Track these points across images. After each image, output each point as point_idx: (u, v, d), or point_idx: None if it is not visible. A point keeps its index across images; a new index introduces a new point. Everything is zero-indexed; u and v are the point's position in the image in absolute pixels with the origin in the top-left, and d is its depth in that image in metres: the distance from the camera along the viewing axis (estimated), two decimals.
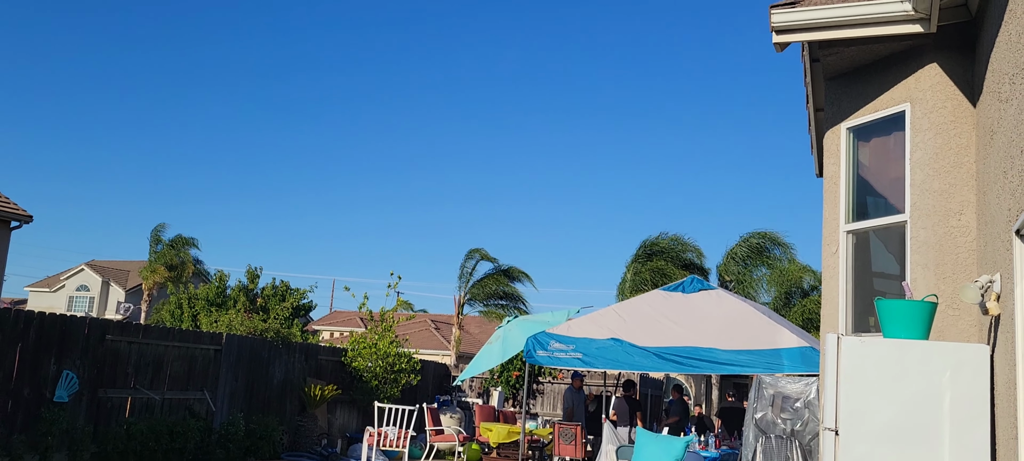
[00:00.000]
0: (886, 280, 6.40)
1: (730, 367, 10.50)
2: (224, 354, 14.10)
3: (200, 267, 40.90)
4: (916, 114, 5.73)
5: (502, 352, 14.55)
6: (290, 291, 28.20)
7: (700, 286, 12.34)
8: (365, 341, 17.83)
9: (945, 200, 5.50)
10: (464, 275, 31.26)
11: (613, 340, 11.14)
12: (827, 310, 6.47)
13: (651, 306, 11.96)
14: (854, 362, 4.85)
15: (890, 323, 4.90)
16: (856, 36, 5.68)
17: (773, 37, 5.96)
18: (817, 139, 8.20)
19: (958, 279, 5.38)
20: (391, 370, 17.77)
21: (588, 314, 12.49)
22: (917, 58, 5.76)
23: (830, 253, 6.45)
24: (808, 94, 7.34)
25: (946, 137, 5.54)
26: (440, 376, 21.93)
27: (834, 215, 6.42)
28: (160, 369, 12.73)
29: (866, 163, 6.43)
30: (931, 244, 5.53)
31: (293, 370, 16.03)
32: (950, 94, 5.57)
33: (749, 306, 11.89)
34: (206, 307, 27.77)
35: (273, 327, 18.29)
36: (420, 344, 37.64)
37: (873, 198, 6.50)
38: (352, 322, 45.61)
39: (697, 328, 11.06)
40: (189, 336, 13.72)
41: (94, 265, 55.12)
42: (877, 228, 6.25)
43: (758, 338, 10.50)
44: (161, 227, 39.68)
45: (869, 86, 6.15)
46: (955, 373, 4.65)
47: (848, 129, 6.36)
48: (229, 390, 14.21)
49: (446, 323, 45.38)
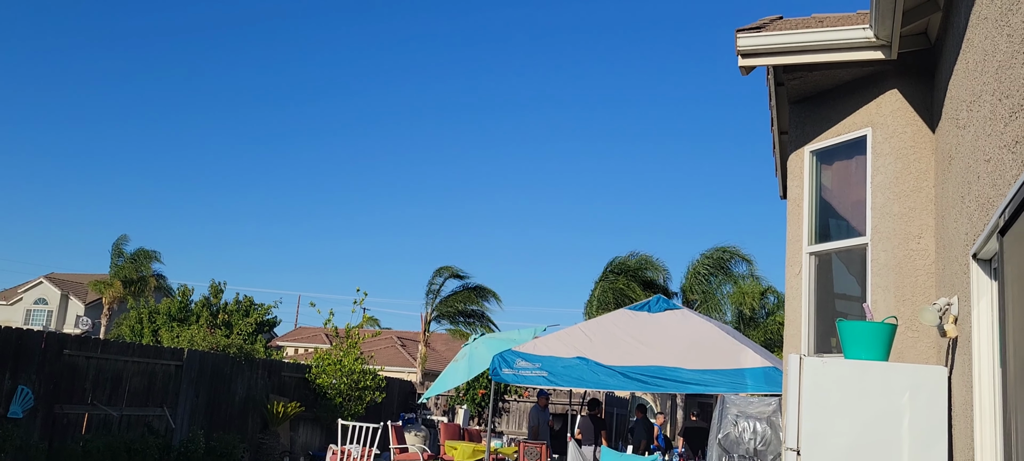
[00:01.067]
0: (848, 301, 6.49)
1: (695, 386, 10.56)
2: (185, 370, 13.88)
3: (162, 281, 40.24)
4: (877, 139, 5.83)
5: (468, 370, 14.50)
6: (254, 306, 27.86)
7: (666, 306, 12.42)
8: (330, 358, 17.67)
9: (905, 223, 5.60)
10: (432, 292, 31.13)
11: (579, 359, 11.16)
12: (790, 330, 6.54)
13: (617, 325, 12.00)
14: (816, 383, 4.90)
15: (851, 344, 4.96)
16: (819, 61, 5.78)
17: (739, 61, 6.04)
18: (781, 162, 8.31)
19: (917, 301, 5.46)
20: (356, 387, 17.61)
21: (554, 332, 12.50)
22: (878, 84, 5.87)
23: (793, 274, 6.53)
24: (773, 117, 7.45)
25: (906, 162, 5.65)
26: (405, 393, 21.78)
27: (797, 236, 6.50)
28: (119, 385, 12.49)
29: (829, 186, 6.52)
30: (891, 267, 5.62)
31: (256, 387, 15.82)
32: (910, 120, 5.69)
33: (714, 326, 11.99)
34: (168, 322, 27.32)
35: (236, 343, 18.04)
36: (386, 361, 37.38)
37: (836, 220, 6.60)
38: (317, 338, 45.17)
39: (662, 347, 11.12)
40: (149, 351, 13.48)
41: (53, 278, 54.04)
42: (839, 250, 6.34)
43: (722, 358, 10.58)
44: (123, 239, 39.02)
45: (832, 110, 6.25)
46: (914, 394, 4.72)
47: (811, 152, 6.46)
48: (189, 407, 13.97)
49: (412, 340, 45.13)
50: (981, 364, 4.02)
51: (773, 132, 7.86)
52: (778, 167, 8.69)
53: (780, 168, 8.55)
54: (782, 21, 6.36)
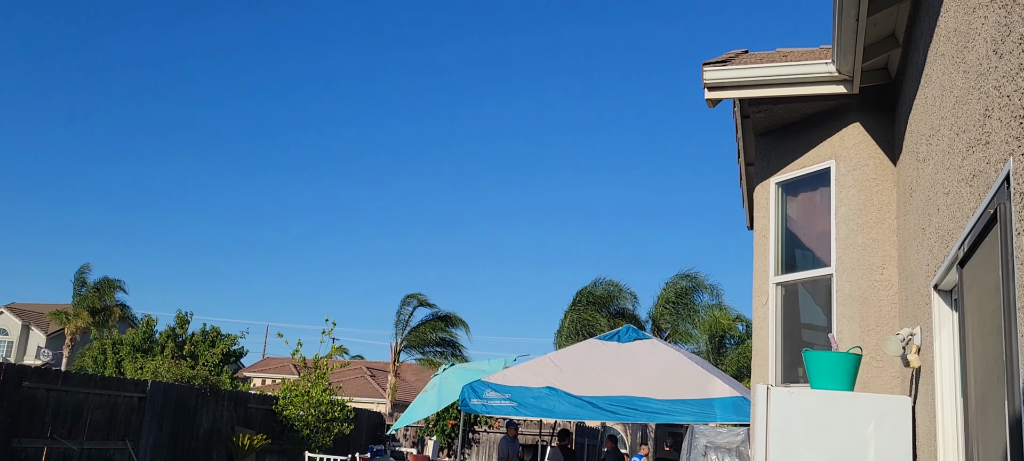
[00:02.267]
0: (814, 331, 6.55)
1: (664, 416, 10.57)
2: (148, 402, 13.62)
3: (127, 311, 39.59)
4: (841, 171, 5.92)
5: (438, 400, 14.39)
6: (221, 337, 27.48)
7: (635, 335, 12.44)
8: (297, 389, 17.44)
9: (868, 254, 5.68)
10: (401, 321, 30.94)
11: (549, 389, 11.12)
12: (757, 360, 6.58)
13: (587, 355, 12.00)
14: (783, 413, 4.93)
15: (817, 374, 5.00)
16: (784, 95, 5.87)
17: (705, 93, 6.12)
18: (748, 192, 8.41)
19: (881, 331, 5.53)
20: (323, 419, 17.39)
21: (524, 363, 12.46)
22: (842, 117, 5.98)
23: (760, 304, 6.58)
24: (739, 149, 7.54)
25: (869, 193, 5.74)
26: (374, 425, 21.54)
27: (764, 267, 6.56)
28: (80, 418, 12.22)
29: (794, 217, 6.60)
30: (855, 297, 5.69)
31: (221, 419, 15.56)
32: (872, 152, 5.79)
33: (683, 356, 12.03)
34: (131, 353, 26.83)
35: (202, 374, 17.78)
36: (355, 391, 36.98)
37: (801, 251, 6.67)
38: (285, 368, 44.61)
39: (632, 377, 11.13)
40: (112, 383, 13.22)
41: (14, 308, 52.92)
42: (805, 280, 6.40)
43: (691, 387, 10.61)
44: (85, 268, 38.35)
45: (797, 143, 6.35)
46: (879, 424, 4.75)
47: (777, 184, 6.54)
48: (152, 440, 13.70)
49: (382, 370, 44.73)
50: (943, 394, 4.07)
51: (740, 163, 7.96)
52: (745, 198, 8.79)
53: (747, 199, 8.65)
54: (747, 55, 6.47)
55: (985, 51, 3.03)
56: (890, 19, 5.18)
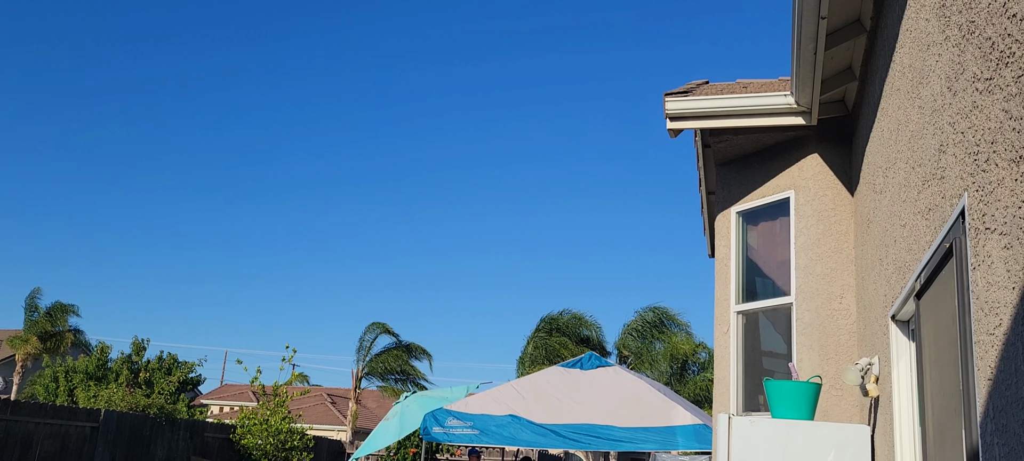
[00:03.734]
0: (775, 359, 6.60)
1: (626, 444, 10.57)
2: (101, 432, 13.28)
3: (80, 337, 38.63)
4: (800, 201, 6.00)
5: (400, 428, 14.22)
6: (177, 364, 26.96)
7: (598, 363, 12.45)
8: (256, 417, 17.15)
9: (827, 284, 5.75)
10: (363, 348, 30.64)
11: (511, 417, 11.07)
12: (719, 389, 6.60)
13: (549, 383, 11.97)
14: (744, 441, 4.94)
15: (777, 403, 5.03)
16: (744, 125, 5.95)
17: (667, 123, 6.18)
18: (709, 221, 8.49)
19: (840, 360, 5.59)
20: (282, 448, 17.10)
21: (487, 390, 12.39)
22: (800, 148, 6.07)
23: (722, 332, 6.62)
24: (701, 177, 7.62)
25: (827, 223, 5.82)
26: (334, 453, 21.24)
27: (725, 296, 6.61)
28: (29, 448, 11.86)
29: (755, 246, 6.67)
30: (815, 326, 5.75)
31: (177, 448, 15.22)
32: (830, 183, 5.88)
33: (645, 383, 12.05)
34: (85, 381, 26.19)
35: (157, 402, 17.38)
36: (315, 419, 36.45)
37: (762, 279, 6.73)
38: (244, 395, 43.85)
39: (594, 405, 11.12)
40: (63, 412, 12.88)
41: None
42: (766, 309, 6.46)
43: (654, 415, 10.63)
44: (36, 292, 37.30)
45: (757, 173, 6.42)
46: (839, 453, 4.79)
47: (738, 213, 6.61)
48: None
49: (343, 397, 44.19)
50: (901, 423, 4.11)
51: (701, 192, 8.03)
52: (706, 226, 8.87)
53: (708, 227, 8.73)
54: (708, 85, 6.55)
55: (939, 88, 3.10)
56: (847, 53, 5.28)
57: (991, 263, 2.40)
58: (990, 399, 2.40)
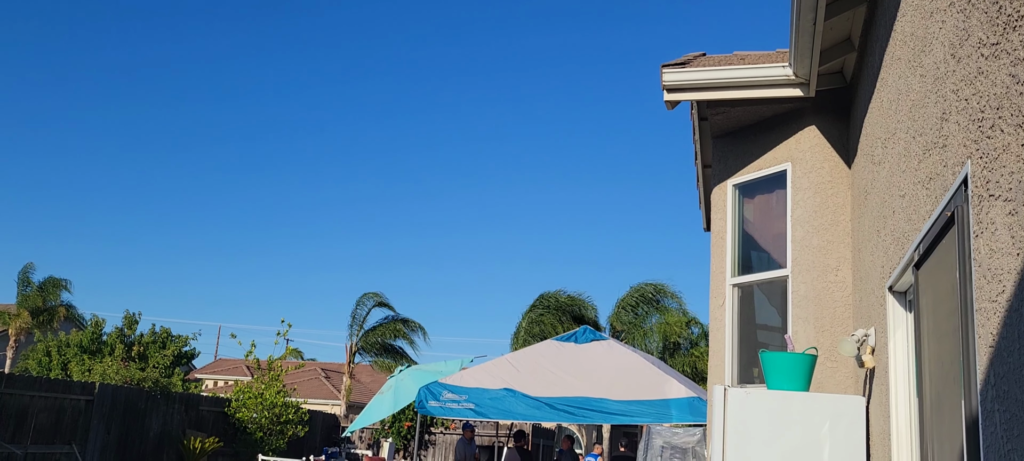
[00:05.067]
0: (770, 332, 6.61)
1: (621, 417, 10.61)
2: (96, 405, 13.28)
3: (73, 311, 38.56)
4: (796, 173, 5.99)
5: (394, 402, 14.27)
6: (171, 338, 26.92)
7: (592, 337, 12.47)
8: (250, 391, 17.18)
9: (823, 256, 5.75)
10: (356, 321, 30.62)
11: (506, 390, 11.10)
12: (714, 361, 6.62)
13: (544, 356, 11.99)
14: (740, 413, 4.96)
15: (773, 375, 5.04)
16: (741, 97, 5.92)
17: (664, 95, 6.14)
18: (705, 195, 8.47)
19: (836, 332, 5.60)
20: (277, 421, 17.14)
21: (481, 364, 12.41)
22: (798, 120, 6.05)
23: (717, 306, 6.63)
24: (696, 151, 7.59)
25: (824, 196, 5.81)
26: (329, 427, 21.31)
27: (721, 269, 6.61)
28: (24, 421, 11.86)
29: (751, 219, 6.66)
30: (811, 298, 5.75)
31: (172, 421, 15.24)
32: (827, 155, 5.86)
33: (639, 357, 12.09)
34: (78, 354, 26.15)
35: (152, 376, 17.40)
36: (309, 393, 36.53)
37: (758, 252, 6.73)
38: (238, 370, 43.91)
39: (589, 378, 11.15)
40: (58, 386, 12.87)
41: None
42: (761, 282, 6.46)
43: (648, 388, 10.66)
44: (29, 267, 37.19)
45: (754, 145, 6.40)
46: (834, 424, 4.81)
47: (734, 186, 6.59)
48: (100, 443, 13.35)
49: (337, 371, 44.29)
50: (897, 394, 4.12)
51: (697, 165, 8.01)
52: (702, 200, 8.85)
53: (704, 201, 8.72)
54: (705, 58, 6.51)
55: (942, 55, 3.07)
56: (846, 23, 5.25)
57: (995, 230, 2.38)
58: (991, 366, 2.40)
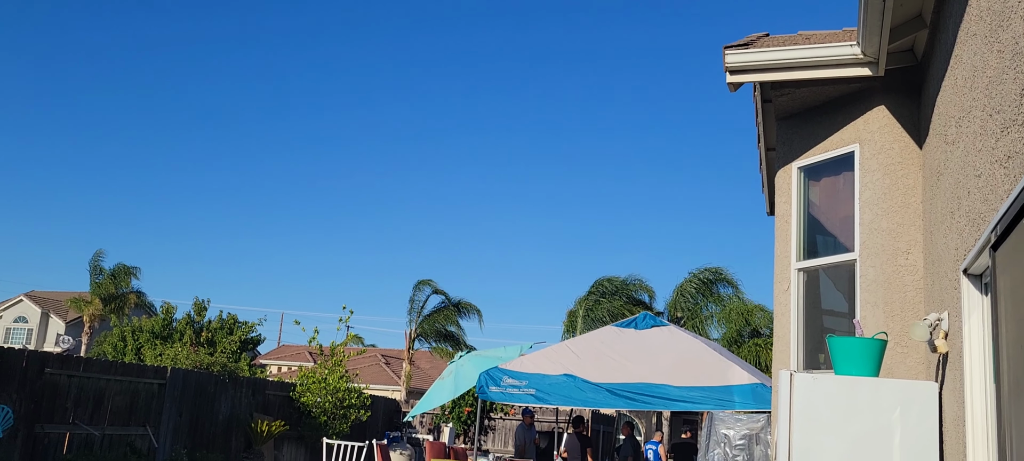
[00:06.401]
0: (835, 318, 6.49)
1: (682, 403, 10.54)
2: (168, 389, 13.72)
3: (143, 298, 39.82)
4: (865, 154, 5.85)
5: (454, 388, 14.41)
6: (238, 324, 27.63)
7: (652, 322, 12.40)
8: (314, 376, 17.53)
9: (893, 239, 5.61)
10: (414, 309, 31.00)
11: (566, 376, 11.11)
12: (779, 347, 6.53)
13: (604, 342, 11.96)
14: (806, 399, 4.89)
15: (841, 360, 4.95)
16: (807, 78, 5.80)
17: (727, 77, 6.06)
18: (768, 178, 8.34)
19: (906, 317, 5.47)
20: (340, 405, 17.47)
21: (541, 350, 12.45)
22: (866, 100, 5.90)
23: (782, 290, 6.53)
24: (760, 134, 7.47)
25: (894, 177, 5.67)
26: (390, 412, 21.63)
27: (785, 253, 6.51)
28: (101, 404, 12.32)
29: (817, 202, 6.54)
30: (880, 282, 5.63)
31: (240, 405, 15.65)
32: (898, 136, 5.71)
33: (700, 342, 11.98)
34: (150, 340, 27.02)
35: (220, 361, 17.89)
36: (370, 379, 37.12)
37: (823, 236, 6.61)
38: (301, 356, 44.83)
39: (649, 364, 11.09)
40: (132, 370, 13.32)
41: (33, 296, 53.43)
42: (827, 266, 6.35)
43: (709, 375, 10.56)
44: (99, 255, 38.47)
45: (820, 127, 6.28)
46: (905, 410, 4.71)
47: (799, 169, 6.48)
48: (172, 425, 13.80)
49: (396, 358, 44.89)
50: (973, 379, 4.02)
51: (760, 148, 7.89)
52: (765, 183, 8.71)
53: (767, 184, 8.58)
54: (769, 38, 6.40)
55: (1022, 29, 2.97)
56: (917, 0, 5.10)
57: None
58: None
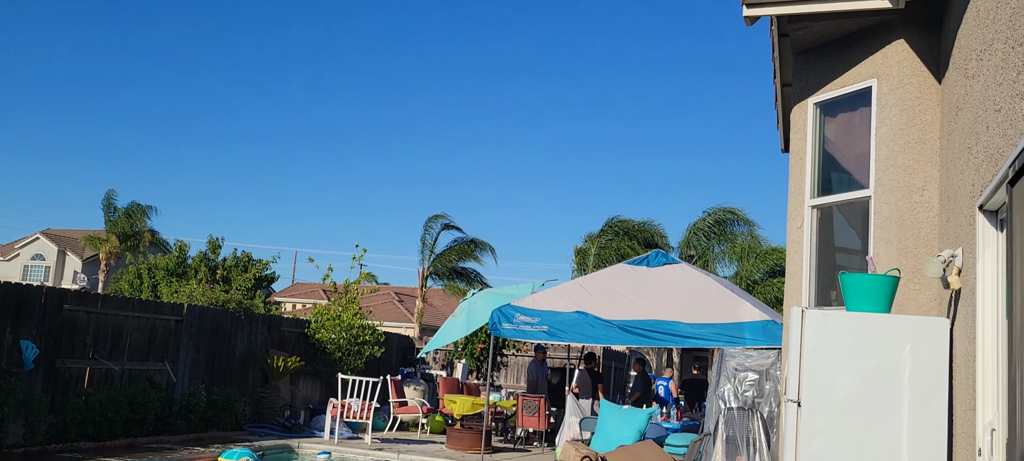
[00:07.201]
0: (848, 255, 6.48)
1: (693, 340, 10.62)
2: (185, 325, 13.91)
3: (157, 236, 40.13)
4: (883, 90, 5.77)
5: (467, 324, 14.55)
6: (252, 262, 27.87)
7: (664, 260, 12.43)
8: (329, 313, 17.71)
9: (909, 176, 5.57)
10: (426, 246, 31.07)
11: (578, 313, 11.19)
12: (791, 283, 6.54)
13: (616, 280, 12.02)
14: (817, 335, 4.91)
15: (854, 297, 4.96)
16: (825, 10, 5.69)
17: (743, 10, 5.95)
18: (783, 115, 8.25)
19: (919, 254, 5.46)
20: (355, 342, 17.68)
21: (553, 287, 12.52)
22: (885, 34, 5.80)
23: (795, 227, 6.51)
24: (775, 69, 7.37)
25: (912, 113, 5.60)
26: (404, 348, 21.89)
27: (800, 190, 6.47)
28: (119, 340, 12.52)
29: (832, 138, 6.48)
30: (894, 219, 5.60)
31: (256, 341, 15.87)
32: (916, 70, 5.63)
33: (712, 280, 12.01)
34: (166, 277, 27.34)
35: (235, 298, 18.09)
36: (384, 316, 37.49)
37: (838, 173, 6.56)
38: (315, 294, 45.26)
39: (661, 301, 11.15)
40: (149, 306, 13.50)
41: (50, 234, 53.96)
42: (841, 203, 6.32)
43: (720, 312, 10.61)
44: (111, 194, 38.62)
45: (837, 61, 6.19)
46: (915, 346, 4.73)
47: (815, 104, 6.40)
48: (190, 361, 14.03)
49: (410, 295, 45.25)
50: (985, 315, 4.02)
51: (776, 84, 7.79)
52: (780, 120, 8.63)
53: (782, 121, 8.49)
54: None
55: None
56: None
57: None
58: None
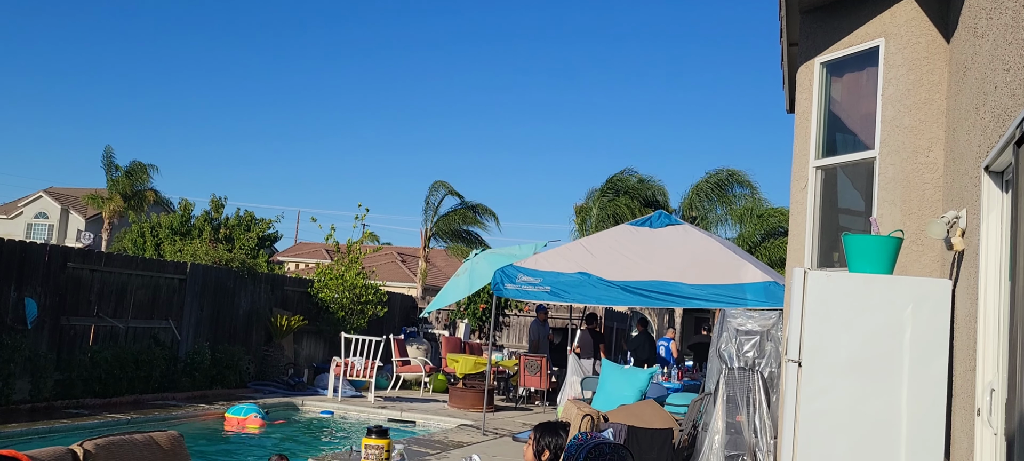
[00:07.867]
0: (852, 217, 6.47)
1: (695, 301, 10.64)
2: (189, 283, 13.97)
3: (160, 195, 40.14)
4: (890, 49, 5.72)
5: (469, 284, 14.59)
6: (255, 221, 27.90)
7: (667, 221, 12.41)
8: (332, 272, 17.77)
9: (915, 137, 5.54)
10: (430, 207, 31.14)
11: (581, 274, 11.20)
12: (793, 244, 6.54)
13: (618, 241, 12.01)
14: (819, 296, 4.91)
15: (856, 258, 4.96)
16: None
17: None
18: (789, 74, 8.18)
19: (924, 216, 5.44)
20: (358, 301, 17.76)
21: (556, 248, 12.53)
22: None
23: (799, 188, 6.49)
24: (782, 28, 7.29)
25: (919, 73, 5.55)
26: (407, 308, 21.98)
27: (804, 150, 6.44)
28: (124, 298, 12.58)
29: (838, 99, 6.43)
30: (899, 180, 5.58)
31: (259, 300, 15.95)
32: (925, 29, 5.57)
33: (714, 241, 12.01)
34: (169, 236, 27.39)
35: (238, 257, 18.14)
36: (386, 276, 37.62)
37: (843, 134, 6.53)
38: (318, 253, 45.37)
39: (663, 262, 11.15)
40: (153, 265, 13.56)
41: (53, 192, 53.97)
42: (846, 164, 6.29)
43: (723, 273, 10.62)
44: (109, 151, 38.50)
45: (845, 20, 6.12)
46: (917, 307, 4.73)
47: (822, 64, 6.35)
48: (194, 319, 14.12)
49: (412, 256, 45.37)
50: (987, 277, 4.02)
51: (782, 44, 7.71)
52: (785, 80, 8.56)
53: (788, 81, 8.43)
54: None
55: None
56: None
57: None
58: None
